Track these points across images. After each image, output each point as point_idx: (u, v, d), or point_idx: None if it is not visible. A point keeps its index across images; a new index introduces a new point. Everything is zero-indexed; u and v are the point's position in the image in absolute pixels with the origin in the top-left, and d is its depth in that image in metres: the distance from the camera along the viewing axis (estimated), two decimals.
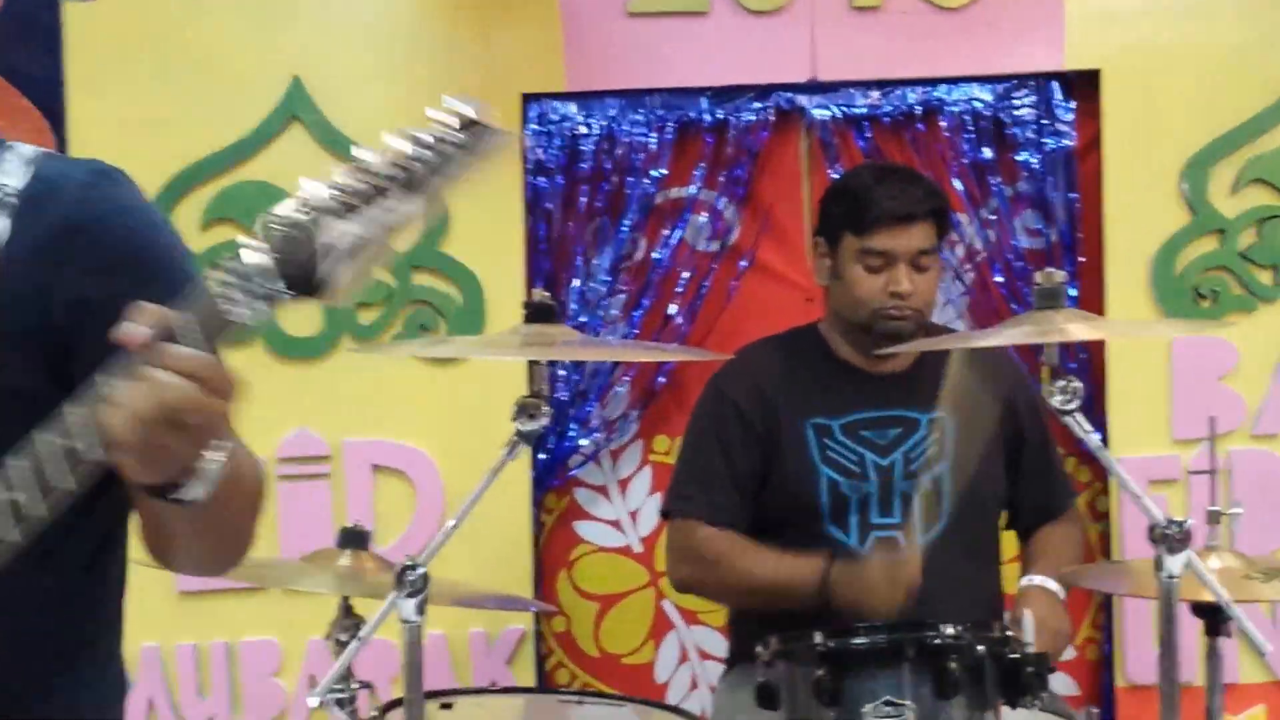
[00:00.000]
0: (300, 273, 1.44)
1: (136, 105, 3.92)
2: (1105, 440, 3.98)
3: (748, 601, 3.66)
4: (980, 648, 2.85)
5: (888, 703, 2.83)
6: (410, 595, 2.79)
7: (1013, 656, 2.87)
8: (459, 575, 3.81)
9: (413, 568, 2.80)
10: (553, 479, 4.14)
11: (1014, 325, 3.24)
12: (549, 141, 4.12)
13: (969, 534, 3.62)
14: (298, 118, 3.97)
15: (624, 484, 4.26)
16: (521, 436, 2.92)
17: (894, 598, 3.29)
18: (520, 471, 3.99)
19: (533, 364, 2.95)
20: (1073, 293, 4.06)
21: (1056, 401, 2.88)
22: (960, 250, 4.15)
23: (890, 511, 3.59)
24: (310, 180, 1.47)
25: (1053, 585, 3.48)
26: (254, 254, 1.45)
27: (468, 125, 1.46)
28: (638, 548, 4.25)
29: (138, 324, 1.45)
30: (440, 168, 1.46)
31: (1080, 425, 2.89)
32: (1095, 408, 4.04)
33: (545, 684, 4.11)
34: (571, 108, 4.12)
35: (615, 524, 4.27)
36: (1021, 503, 3.70)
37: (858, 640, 2.91)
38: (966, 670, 2.83)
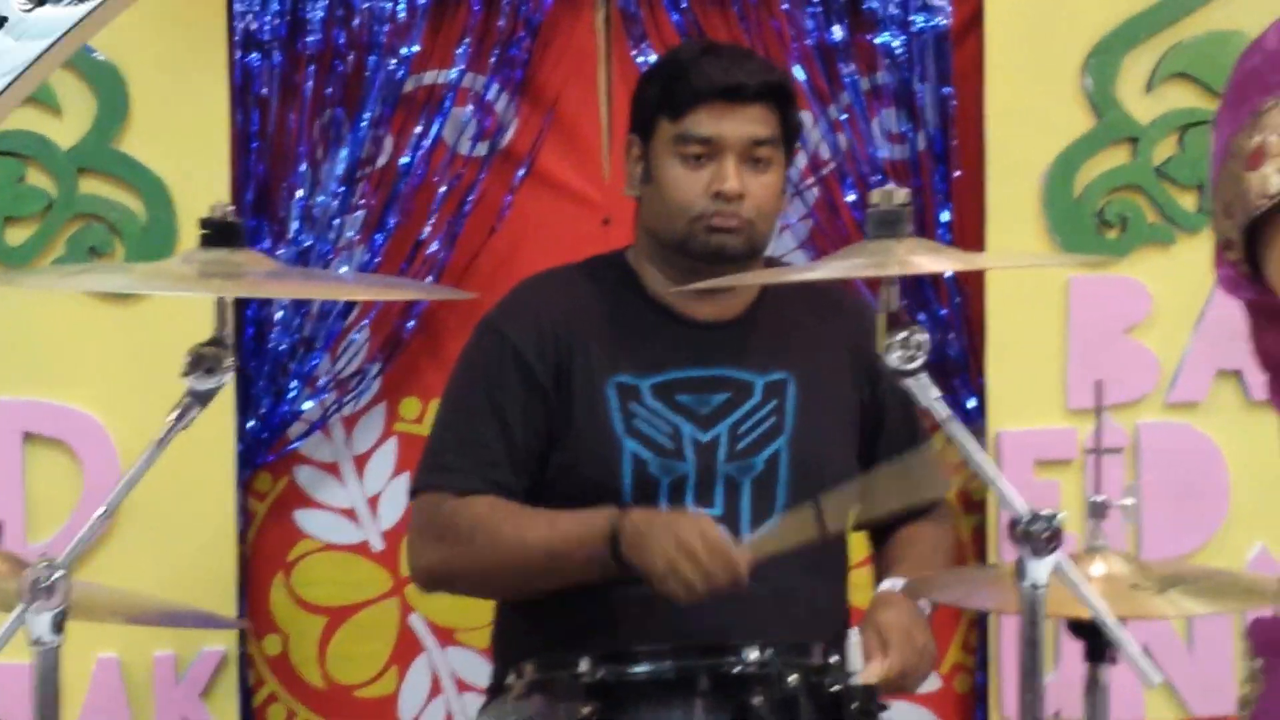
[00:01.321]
0: None
1: None
2: (982, 408, 4.00)
3: (518, 585, 3.45)
4: (792, 678, 2.85)
5: None
6: (43, 608, 2.62)
7: (834, 689, 2.87)
8: (135, 580, 3.67)
9: (47, 572, 2.64)
10: (265, 454, 3.94)
11: (842, 258, 3.10)
12: (264, 5, 3.86)
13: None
14: None
15: (361, 461, 4.02)
16: (196, 397, 2.76)
17: (709, 571, 3.11)
18: (220, 444, 3.82)
19: (219, 301, 2.79)
20: (945, 217, 3.93)
21: (895, 358, 2.70)
22: (802, 160, 3.92)
23: (710, 500, 3.40)
24: None
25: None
26: None
27: None
28: (378, 545, 4.01)
29: None
30: None
31: (925, 391, 2.71)
32: (971, 367, 3.94)
33: None
34: None
35: (349, 514, 4.04)
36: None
37: (636, 669, 2.90)
38: (775, 706, 2.85)
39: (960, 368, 3.95)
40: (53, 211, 3.82)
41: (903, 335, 2.67)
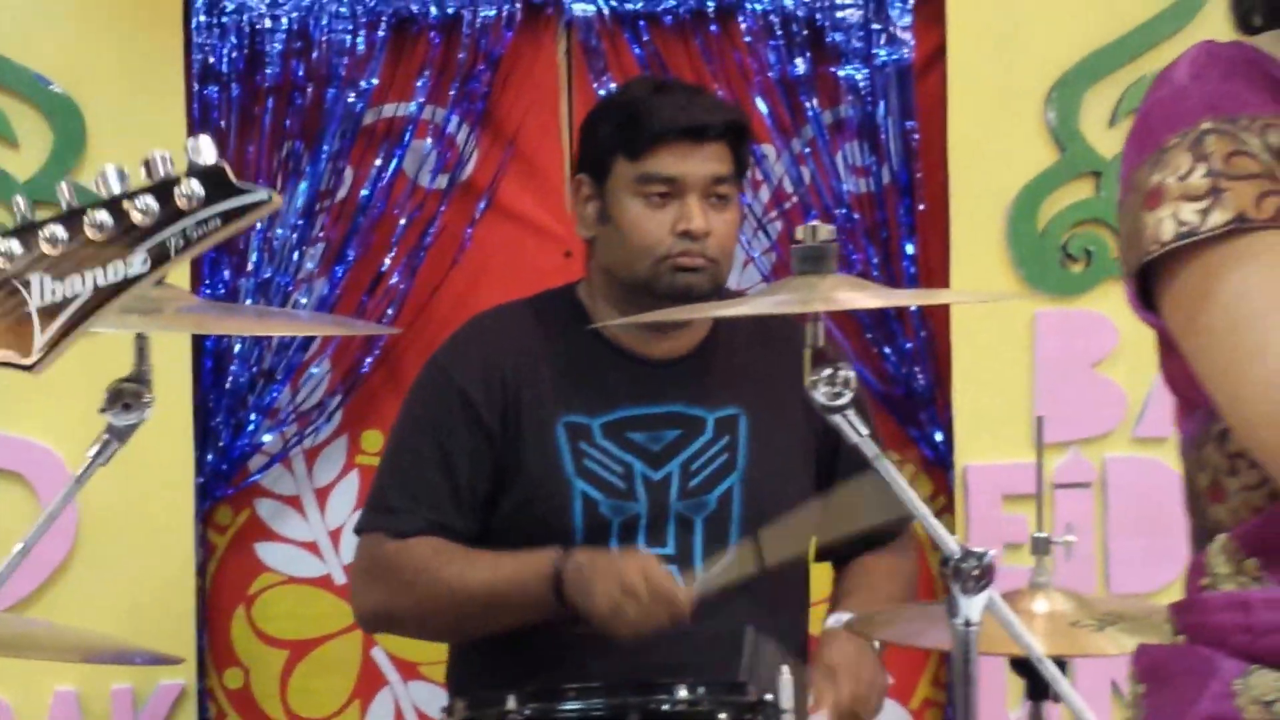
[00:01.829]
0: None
1: None
2: (949, 442, 3.99)
3: (461, 627, 3.47)
4: (721, 716, 2.86)
5: None
6: None
7: None
8: (94, 613, 3.72)
9: None
10: (225, 487, 3.95)
11: (768, 293, 3.23)
12: (222, 38, 3.91)
13: (766, 571, 3.41)
14: None
15: (322, 494, 4.04)
16: (114, 433, 2.80)
17: (652, 611, 3.12)
18: (179, 476, 3.85)
19: (138, 338, 2.82)
20: (909, 250, 3.95)
21: (821, 394, 2.73)
22: (765, 193, 3.99)
23: (663, 539, 3.41)
24: (21, 222, 1.45)
25: None
26: None
27: (216, 183, 1.47)
28: (340, 578, 3.99)
29: None
30: (179, 238, 1.45)
31: (854, 427, 2.76)
32: (938, 400, 3.94)
33: None
34: None
35: (311, 546, 4.05)
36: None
37: (565, 706, 2.91)
38: None
39: (927, 401, 3.95)
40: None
41: (828, 372, 2.68)
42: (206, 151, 1.47)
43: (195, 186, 1.47)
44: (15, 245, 1.50)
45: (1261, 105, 1.72)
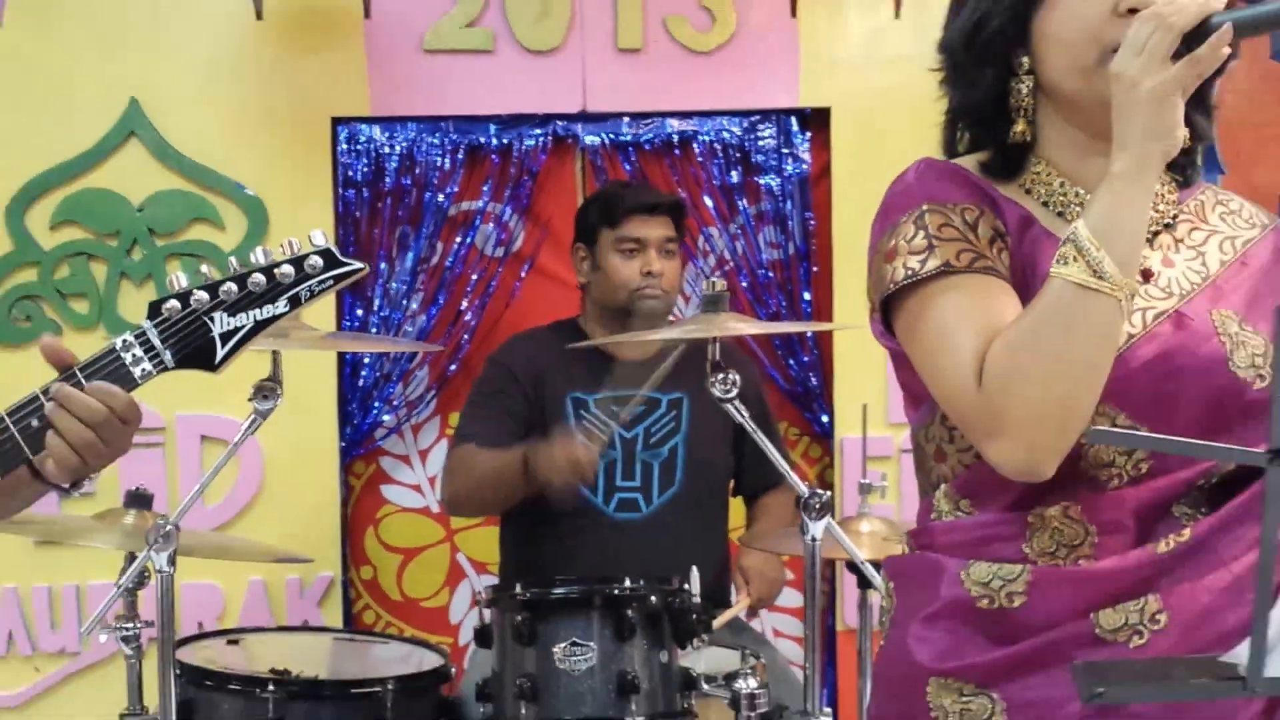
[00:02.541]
0: (196, 350, 1.86)
1: None
2: (832, 422, 4.33)
3: (493, 498, 3.79)
4: (654, 599, 3.07)
5: (574, 644, 3.02)
6: (161, 550, 2.88)
7: (681, 606, 3.09)
8: (276, 532, 4.13)
9: (163, 527, 2.90)
10: (358, 449, 4.33)
11: (685, 324, 3.39)
12: (356, 160, 4.30)
13: (699, 497, 3.82)
14: (135, 134, 4.20)
15: (424, 454, 4.42)
16: (259, 414, 2.99)
17: (575, 473, 3.51)
18: (328, 444, 4.25)
19: (274, 353, 3.02)
20: (806, 297, 4.29)
21: (717, 391, 3.00)
22: (712, 260, 4.37)
23: (632, 476, 3.80)
24: (207, 281, 1.86)
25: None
26: (156, 334, 1.86)
27: (329, 259, 1.87)
28: (435, 509, 4.41)
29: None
30: (308, 290, 1.87)
31: (739, 412, 3.01)
32: (825, 395, 4.30)
33: (352, 625, 4.31)
34: (376, 131, 4.29)
35: (416, 488, 4.42)
36: (744, 473, 3.90)
37: (553, 591, 3.11)
38: (644, 617, 3.05)
39: (817, 395, 4.35)
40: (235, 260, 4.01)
41: (721, 376, 3.00)
42: (320, 239, 1.88)
43: (316, 260, 1.86)
44: (205, 295, 1.85)
45: (963, 197, 1.88)
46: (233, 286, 1.86)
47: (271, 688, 3.09)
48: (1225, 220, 1.97)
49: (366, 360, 4.31)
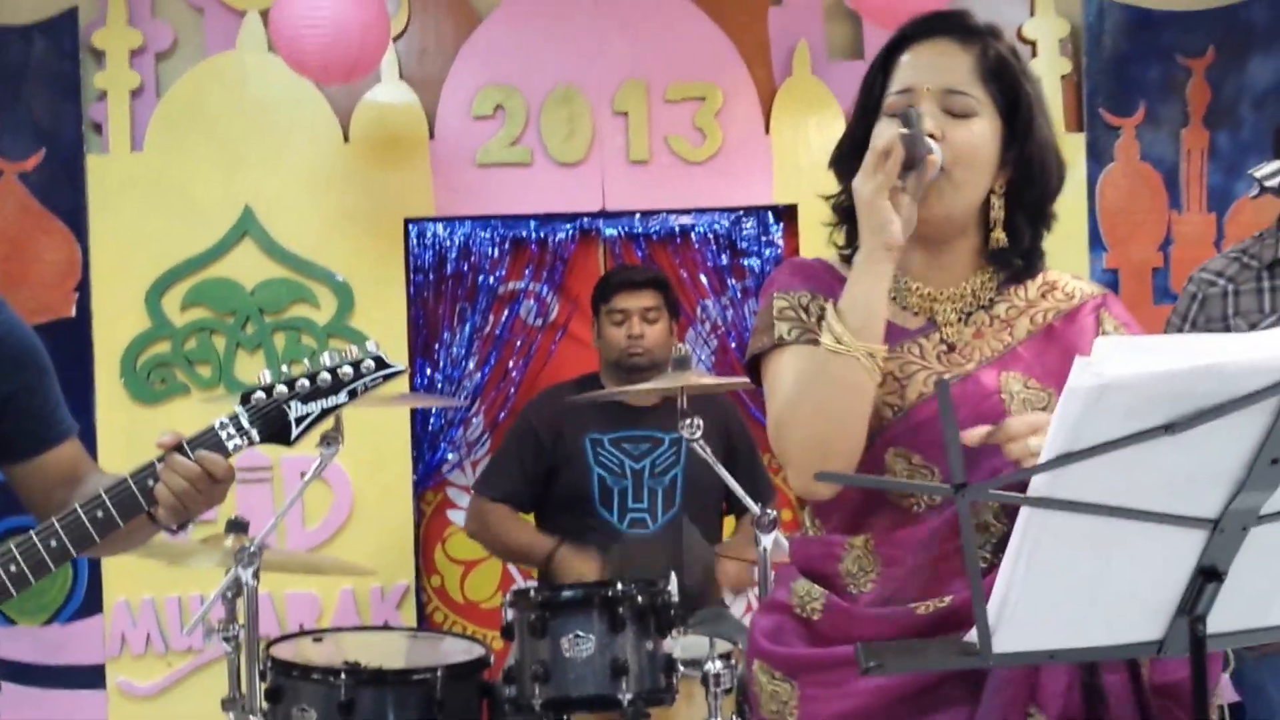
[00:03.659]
0: (276, 430, 1.97)
1: (136, 225, 4.25)
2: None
3: (505, 556, 3.95)
4: (641, 598, 3.11)
5: (577, 635, 3.06)
6: (247, 566, 3.04)
7: (663, 604, 3.13)
8: (362, 550, 4.15)
9: (250, 546, 3.04)
10: (429, 481, 4.42)
11: (661, 377, 3.47)
12: (424, 251, 4.39)
13: (694, 516, 3.80)
14: (248, 233, 4.31)
15: None
16: (324, 456, 3.08)
17: (580, 579, 3.63)
18: (403, 477, 4.31)
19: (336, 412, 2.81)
20: None
21: (685, 433, 3.14)
22: (708, 325, 4.46)
23: (641, 499, 3.87)
24: (286, 375, 1.96)
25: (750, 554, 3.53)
26: (246, 417, 1.96)
27: (379, 363, 1.99)
28: None
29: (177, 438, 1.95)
30: (362, 385, 1.99)
31: (704, 450, 3.15)
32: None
33: (425, 625, 4.33)
34: (440, 228, 4.37)
35: None
36: (730, 496, 3.58)
37: (562, 594, 3.20)
38: (633, 612, 3.10)
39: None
40: (314, 358, 3.63)
41: (688, 421, 3.14)
42: (373, 347, 2.00)
43: (370, 363, 1.98)
44: (284, 388, 1.96)
45: (804, 287, 1.92)
46: (305, 382, 1.98)
47: (344, 676, 3.13)
48: (1045, 298, 1.94)
49: (433, 409, 4.40)
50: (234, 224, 4.32)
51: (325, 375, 1.98)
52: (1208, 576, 1.43)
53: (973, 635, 1.48)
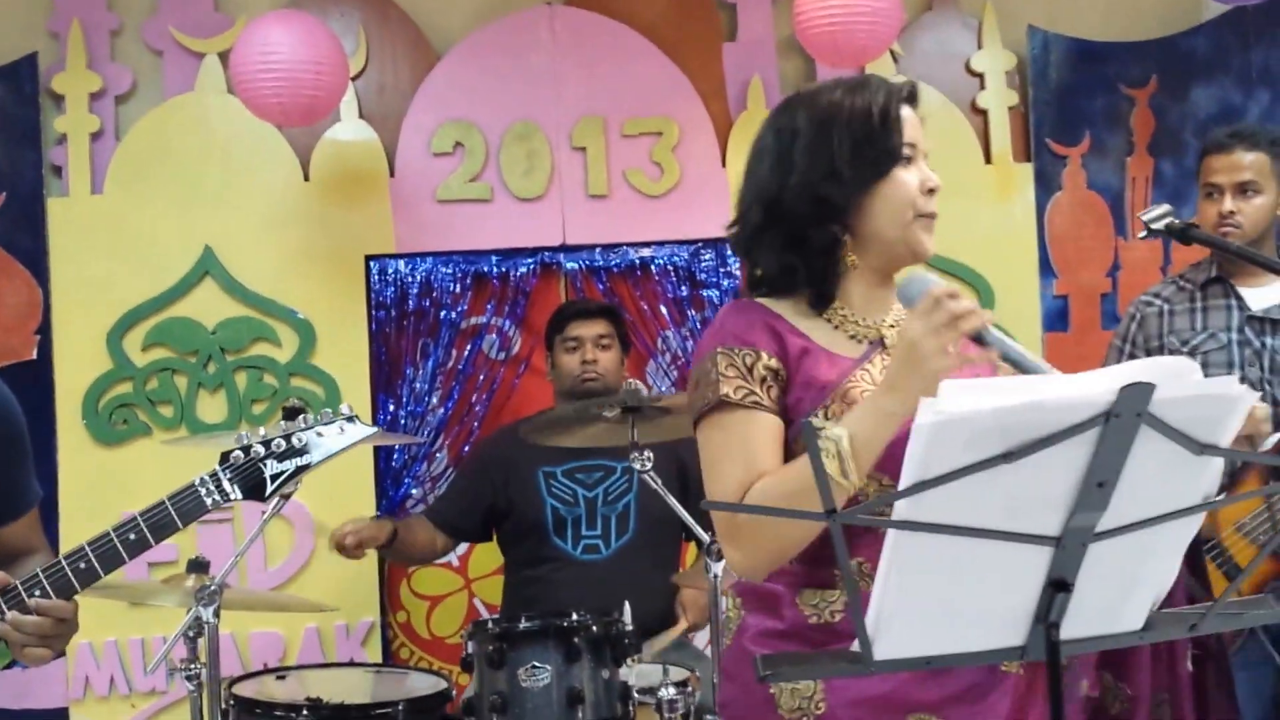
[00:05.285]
0: (253, 487, 2.08)
1: (97, 266, 4.36)
2: None
3: (394, 557, 3.98)
4: (595, 628, 3.22)
5: (534, 666, 3.16)
6: (207, 604, 3.07)
7: (618, 633, 3.23)
8: (324, 587, 4.27)
9: (210, 585, 3.07)
10: (394, 517, 4.36)
11: (606, 406, 3.47)
12: (385, 288, 4.49)
13: (651, 543, 3.98)
14: (209, 273, 4.42)
15: None
16: (283, 497, 2.65)
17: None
18: (367, 510, 4.39)
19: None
20: None
21: (636, 465, 3.27)
22: (668, 356, 4.59)
23: (595, 527, 3.97)
24: (263, 436, 2.04)
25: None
26: (226, 477, 2.06)
27: (350, 419, 2.11)
28: (455, 563, 4.60)
29: None
30: (334, 444, 2.11)
31: (655, 482, 3.26)
32: None
33: (390, 661, 4.43)
34: (401, 264, 4.47)
35: None
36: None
37: (518, 625, 3.28)
38: (588, 642, 3.20)
39: None
40: (276, 396, 4.33)
41: (636, 453, 3.25)
42: (346, 410, 2.14)
43: (345, 421, 2.13)
44: (260, 447, 2.07)
45: (749, 342, 1.95)
46: (281, 441, 2.11)
47: (305, 712, 3.21)
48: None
49: (396, 445, 4.47)
50: (195, 264, 4.42)
51: (299, 435, 2.09)
52: (1057, 588, 1.65)
53: (857, 645, 1.67)
